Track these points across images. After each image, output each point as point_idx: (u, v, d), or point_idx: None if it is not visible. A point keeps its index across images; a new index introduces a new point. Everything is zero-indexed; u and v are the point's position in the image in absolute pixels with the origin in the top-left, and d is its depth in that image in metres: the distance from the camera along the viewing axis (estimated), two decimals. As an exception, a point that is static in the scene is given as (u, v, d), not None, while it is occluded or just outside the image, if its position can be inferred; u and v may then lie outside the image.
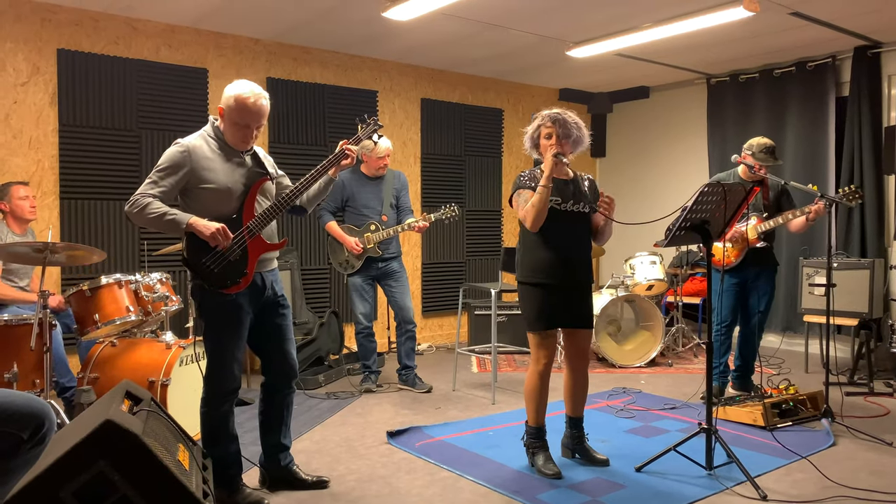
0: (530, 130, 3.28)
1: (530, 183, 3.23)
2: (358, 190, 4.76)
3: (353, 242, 4.68)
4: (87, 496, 2.18)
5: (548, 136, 3.19)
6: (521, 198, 3.24)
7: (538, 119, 3.24)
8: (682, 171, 7.28)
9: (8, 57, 4.65)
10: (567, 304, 3.24)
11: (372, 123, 3.06)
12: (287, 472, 3.05)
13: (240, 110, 2.76)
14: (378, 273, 4.80)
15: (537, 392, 3.25)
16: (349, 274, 4.81)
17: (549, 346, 3.24)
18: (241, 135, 2.81)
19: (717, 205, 3.19)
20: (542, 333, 3.22)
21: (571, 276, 3.24)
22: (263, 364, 3.04)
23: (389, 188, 4.84)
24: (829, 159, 6.04)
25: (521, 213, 3.22)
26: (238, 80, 2.82)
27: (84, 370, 3.78)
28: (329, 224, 4.77)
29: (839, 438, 3.71)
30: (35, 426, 1.75)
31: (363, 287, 4.80)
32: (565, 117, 3.19)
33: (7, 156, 4.67)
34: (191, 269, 2.76)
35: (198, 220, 2.69)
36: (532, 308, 3.24)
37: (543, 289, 3.22)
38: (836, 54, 6.01)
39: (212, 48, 5.46)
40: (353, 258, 4.75)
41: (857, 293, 5.07)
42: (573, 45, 5.75)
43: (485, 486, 3.08)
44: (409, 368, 4.86)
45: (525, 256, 3.30)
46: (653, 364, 5.68)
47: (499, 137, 7.25)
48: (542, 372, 3.23)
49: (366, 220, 4.75)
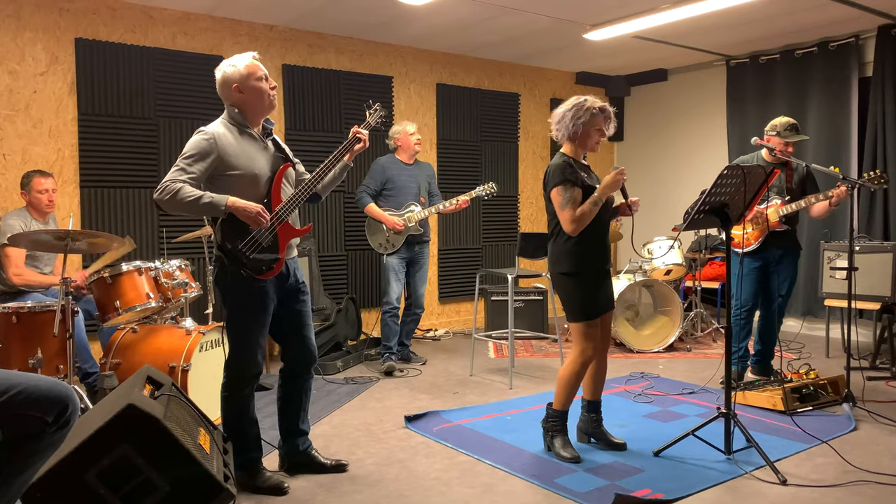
0: (578, 118, 3.12)
1: (576, 179, 3.12)
2: (397, 174, 5.01)
3: (396, 220, 4.89)
4: (111, 479, 2.22)
5: (600, 129, 3.15)
6: (567, 194, 3.10)
7: (590, 108, 3.11)
8: (701, 154, 7.19)
9: (27, 46, 4.69)
10: (604, 290, 3.26)
11: (378, 108, 3.07)
12: (306, 456, 3.08)
13: (252, 70, 2.80)
14: (413, 255, 5.06)
15: (576, 380, 3.23)
16: (388, 254, 4.98)
17: (597, 335, 3.21)
18: (267, 93, 2.82)
19: (736, 188, 3.14)
20: (592, 322, 3.19)
21: (607, 261, 3.28)
22: (283, 350, 3.06)
23: (424, 175, 5.16)
24: (851, 141, 5.94)
25: (567, 213, 3.09)
26: (225, 61, 2.84)
27: (106, 356, 3.83)
28: (369, 206, 4.96)
29: (860, 423, 3.67)
30: (59, 410, 1.78)
31: (399, 268, 5.02)
32: (611, 111, 3.19)
33: (28, 145, 4.72)
34: (227, 255, 2.74)
35: (237, 200, 2.69)
36: (580, 298, 3.19)
37: (590, 277, 3.20)
38: (859, 34, 5.90)
39: (227, 35, 5.46)
40: (395, 236, 4.94)
41: (880, 277, 5.00)
42: (590, 27, 5.68)
43: (503, 470, 3.09)
44: (404, 346, 5.25)
45: (574, 247, 3.18)
46: (671, 349, 5.65)
47: (515, 122, 7.21)
48: (587, 361, 3.21)
49: (404, 202, 4.99)
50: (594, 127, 3.15)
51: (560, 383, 3.25)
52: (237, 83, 2.80)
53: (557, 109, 3.22)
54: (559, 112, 3.20)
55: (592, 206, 3.08)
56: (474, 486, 2.94)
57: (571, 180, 3.11)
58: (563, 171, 3.13)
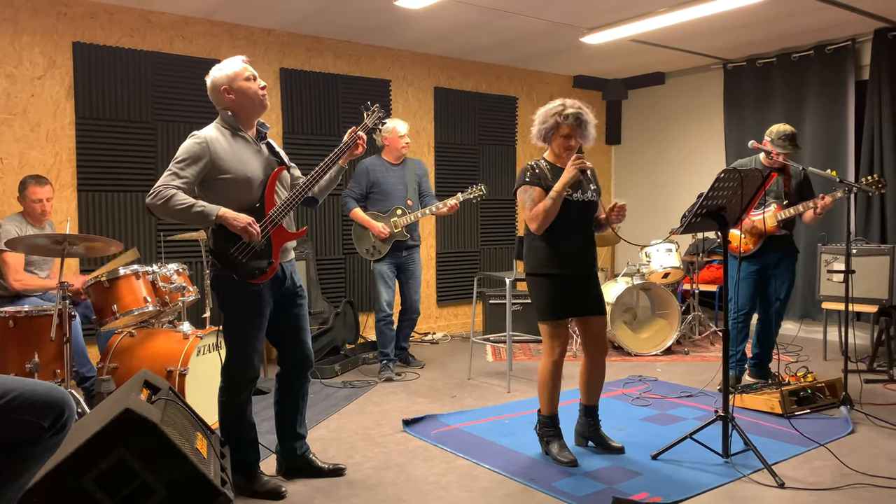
0: (544, 123, 3.18)
1: (538, 180, 3.17)
2: (382, 176, 4.85)
3: (381, 227, 4.74)
4: (109, 483, 2.22)
5: (567, 135, 3.15)
6: (527, 195, 3.18)
7: (556, 114, 3.13)
8: (699, 158, 7.20)
9: (24, 50, 4.69)
10: (577, 293, 3.23)
11: (376, 110, 3.06)
12: (304, 460, 3.07)
13: (239, 72, 2.81)
14: (402, 260, 4.91)
15: (551, 382, 3.24)
16: (375, 260, 4.86)
17: (562, 335, 3.23)
18: (257, 92, 2.83)
19: (733, 191, 3.15)
20: (554, 323, 3.21)
21: (580, 264, 3.24)
22: (279, 353, 3.06)
23: (412, 174, 4.96)
24: (848, 144, 5.95)
25: (529, 213, 3.16)
26: (214, 67, 2.85)
27: (103, 360, 3.83)
28: (354, 211, 4.85)
29: (858, 426, 3.67)
30: (56, 415, 1.77)
31: (388, 274, 4.88)
32: (586, 118, 3.15)
33: (25, 149, 4.72)
34: (219, 260, 2.75)
35: (227, 211, 2.69)
36: (543, 298, 3.22)
37: (554, 279, 3.21)
38: (855, 37, 5.91)
39: (225, 39, 5.47)
40: (381, 243, 4.81)
41: (877, 279, 5.01)
42: (587, 31, 5.70)
43: (501, 474, 3.09)
44: (402, 349, 5.17)
45: (534, 248, 3.25)
46: (669, 352, 5.65)
47: (513, 126, 7.22)
48: (555, 361, 3.23)
49: (391, 206, 4.82)
50: (559, 133, 3.16)
51: (538, 387, 3.28)
52: (225, 86, 2.80)
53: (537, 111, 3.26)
54: (536, 114, 3.25)
55: (551, 201, 3.08)
56: (472, 489, 2.94)
57: (530, 181, 3.17)
58: (525, 173, 3.22)
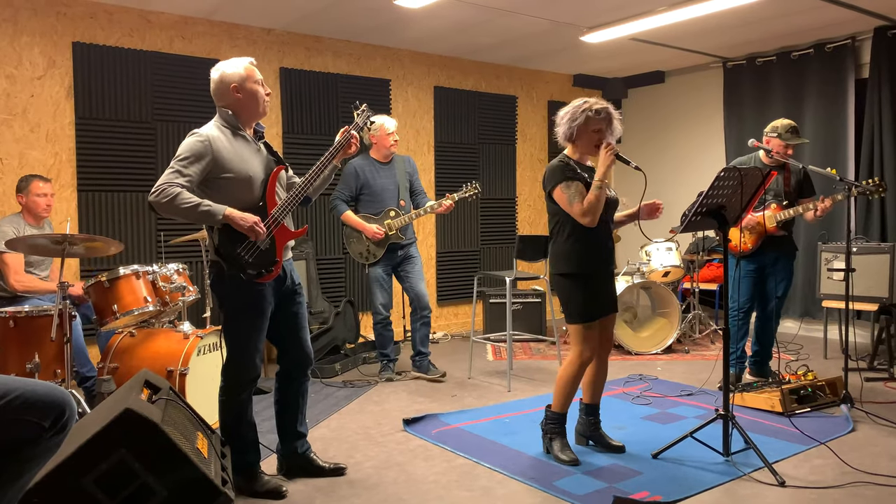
0: (574, 120, 3.16)
1: (574, 174, 3.14)
2: (372, 176, 4.67)
3: (375, 228, 4.58)
4: (109, 484, 2.22)
5: (598, 130, 3.14)
6: (570, 190, 3.11)
7: (586, 110, 3.14)
8: (699, 156, 7.20)
9: (24, 51, 4.69)
10: (604, 292, 3.25)
11: (365, 109, 3.08)
12: (304, 459, 3.08)
13: (251, 73, 2.85)
14: (398, 261, 4.73)
15: (574, 382, 3.23)
16: (370, 264, 4.69)
17: (594, 337, 3.20)
18: (263, 98, 2.86)
19: (733, 190, 3.15)
20: (588, 325, 3.18)
21: (609, 262, 3.28)
22: (279, 352, 3.06)
23: (402, 172, 4.77)
24: (848, 142, 5.95)
25: (579, 208, 3.09)
26: (222, 63, 2.86)
27: (104, 360, 3.83)
28: (345, 214, 4.66)
29: (858, 424, 3.67)
30: (56, 415, 1.77)
31: (384, 277, 4.70)
32: (613, 113, 3.18)
33: (25, 149, 4.71)
34: (225, 260, 2.74)
35: (234, 211, 2.69)
36: (580, 299, 3.18)
37: (591, 279, 3.19)
38: (855, 35, 5.91)
39: (225, 39, 5.47)
40: (375, 246, 4.64)
41: (878, 278, 5.01)
42: (587, 30, 5.69)
43: (501, 473, 3.09)
44: (423, 355, 4.79)
45: (572, 248, 3.18)
46: (669, 351, 5.65)
47: (513, 125, 7.22)
48: (585, 363, 3.20)
49: (383, 207, 4.67)
50: (589, 129, 3.15)
51: (558, 385, 3.25)
52: (236, 83, 2.81)
53: (560, 111, 3.25)
54: (560, 113, 3.24)
55: (598, 190, 3.07)
56: (473, 489, 2.94)
57: (570, 176, 3.13)
58: (562, 170, 3.16)
